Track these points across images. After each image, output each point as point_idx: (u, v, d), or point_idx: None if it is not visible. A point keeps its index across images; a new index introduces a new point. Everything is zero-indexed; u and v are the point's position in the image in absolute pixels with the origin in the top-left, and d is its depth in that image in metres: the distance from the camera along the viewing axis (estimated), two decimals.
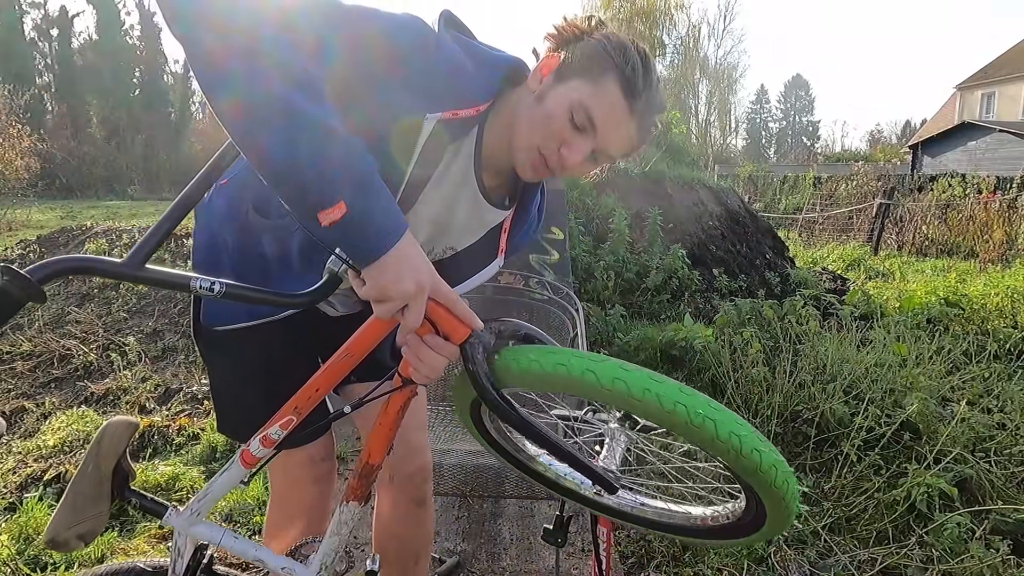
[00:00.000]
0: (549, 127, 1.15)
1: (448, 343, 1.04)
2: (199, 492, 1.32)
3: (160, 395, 4.12)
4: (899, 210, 12.75)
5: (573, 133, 1.15)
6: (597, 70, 1.13)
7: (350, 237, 0.93)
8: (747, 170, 22.03)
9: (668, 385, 0.94)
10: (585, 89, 1.13)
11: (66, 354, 4.65)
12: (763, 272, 6.66)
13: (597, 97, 1.13)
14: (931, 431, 3.23)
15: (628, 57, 1.14)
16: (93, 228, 6.89)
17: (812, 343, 4.12)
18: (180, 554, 1.33)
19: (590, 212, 5.88)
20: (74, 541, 1.27)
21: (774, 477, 0.94)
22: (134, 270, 0.98)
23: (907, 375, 3.68)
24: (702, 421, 0.91)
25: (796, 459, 3.23)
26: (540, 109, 1.16)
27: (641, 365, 0.98)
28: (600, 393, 0.96)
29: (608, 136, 1.16)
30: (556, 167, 1.18)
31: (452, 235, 1.33)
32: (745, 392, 3.64)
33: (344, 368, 1.17)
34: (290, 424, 1.21)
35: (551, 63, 1.18)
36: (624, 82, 1.13)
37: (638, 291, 5.34)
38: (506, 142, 1.21)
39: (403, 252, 0.96)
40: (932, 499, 2.70)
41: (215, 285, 0.99)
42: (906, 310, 5.65)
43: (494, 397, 1.03)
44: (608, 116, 1.14)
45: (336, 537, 1.28)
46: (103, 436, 1.30)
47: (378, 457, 1.23)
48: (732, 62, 42.73)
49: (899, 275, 9.11)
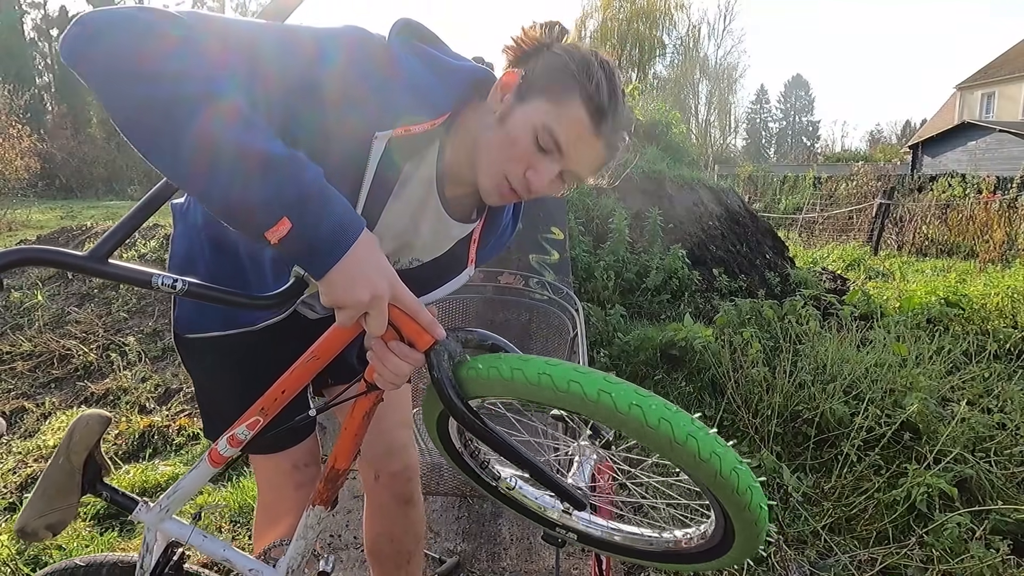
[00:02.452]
0: (513, 151, 1.10)
1: (413, 350, 1.03)
2: (169, 488, 1.32)
3: (160, 395, 4.12)
4: (899, 210, 12.75)
5: (538, 156, 1.10)
6: (560, 90, 1.08)
7: (300, 251, 0.92)
8: (747, 170, 22.01)
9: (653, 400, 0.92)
10: (549, 111, 1.08)
11: (66, 354, 4.65)
12: (763, 272, 6.66)
13: (562, 120, 1.08)
14: (931, 431, 3.23)
15: (592, 75, 1.08)
16: (93, 228, 6.90)
17: (812, 343, 4.12)
18: (149, 550, 1.33)
19: (590, 212, 5.88)
20: (43, 531, 1.28)
21: (749, 499, 0.93)
22: (96, 264, 0.98)
23: (907, 375, 3.68)
24: (685, 440, 0.90)
25: (796, 459, 3.23)
26: (502, 132, 1.11)
27: (641, 365, 0.97)
28: (561, 399, 0.95)
29: (575, 158, 1.11)
30: (522, 191, 1.13)
31: (416, 249, 1.30)
32: (745, 392, 3.64)
33: (311, 370, 1.16)
34: (256, 425, 1.20)
35: (510, 80, 1.12)
36: (589, 103, 1.08)
37: (638, 291, 5.34)
38: (468, 157, 1.16)
39: (358, 259, 0.94)
40: (932, 499, 2.70)
41: (177, 282, 0.98)
42: (906, 310, 5.65)
43: (459, 407, 1.02)
44: (574, 139, 1.09)
45: (303, 541, 1.28)
46: (74, 429, 1.31)
47: (344, 462, 1.22)
48: (732, 62, 42.62)
49: (899, 275, 9.10)
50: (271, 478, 1.57)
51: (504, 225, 1.38)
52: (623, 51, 32.05)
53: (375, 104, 1.05)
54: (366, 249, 0.95)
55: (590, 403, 0.92)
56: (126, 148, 23.33)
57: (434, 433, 1.27)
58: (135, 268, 0.99)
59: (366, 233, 0.96)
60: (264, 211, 0.89)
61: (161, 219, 8.08)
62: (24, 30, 31.47)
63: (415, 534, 1.71)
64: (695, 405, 3.86)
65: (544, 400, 0.97)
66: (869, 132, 68.81)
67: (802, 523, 2.74)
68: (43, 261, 0.97)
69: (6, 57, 28.57)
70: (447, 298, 1.99)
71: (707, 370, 4.03)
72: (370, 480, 1.65)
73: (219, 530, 2.73)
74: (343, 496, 2.71)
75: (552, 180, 1.13)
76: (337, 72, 1.04)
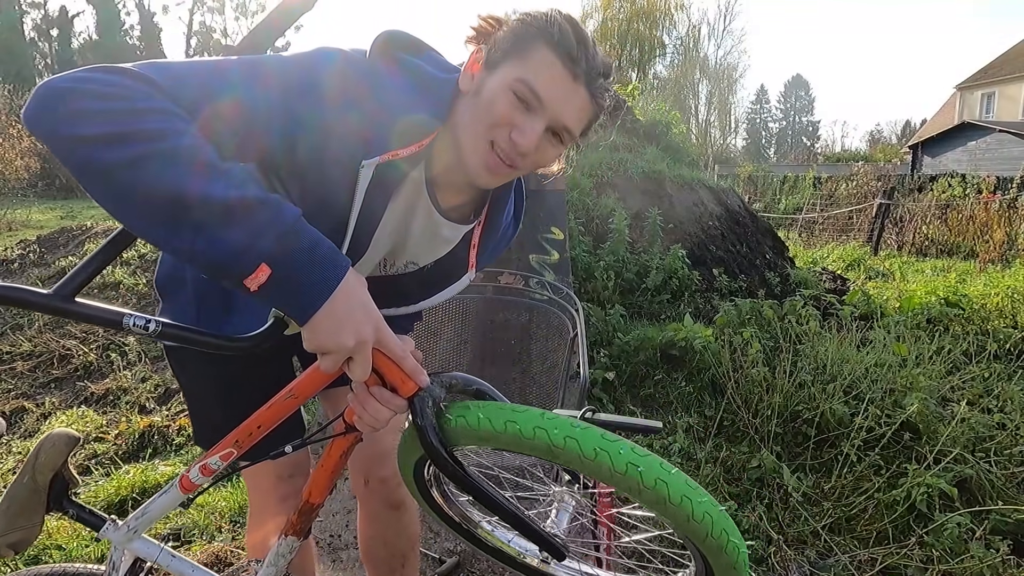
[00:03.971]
0: (492, 116, 1.06)
1: (396, 396, 0.99)
2: (138, 510, 1.30)
3: (160, 395, 4.12)
4: (899, 210, 12.74)
5: (520, 113, 1.06)
6: (525, 45, 1.06)
7: (281, 297, 0.88)
8: (747, 170, 22.01)
9: (621, 445, 0.91)
10: (519, 66, 1.05)
11: (66, 354, 4.65)
12: (763, 272, 6.66)
13: (533, 68, 1.05)
14: (931, 431, 3.23)
15: (552, 22, 1.05)
16: (93, 228, 6.90)
17: (812, 343, 4.13)
18: (115, 568, 1.31)
19: (590, 212, 5.88)
20: (4, 549, 1.26)
21: (724, 543, 0.92)
22: (61, 303, 0.93)
23: (907, 375, 3.69)
24: (654, 484, 0.88)
25: (796, 459, 3.23)
26: (478, 101, 1.08)
27: (641, 365, 0.97)
28: (551, 452, 0.93)
29: (558, 107, 1.07)
30: (512, 156, 1.08)
31: (408, 251, 1.27)
32: (745, 392, 3.64)
33: (288, 408, 1.13)
34: (230, 457, 1.17)
35: (477, 58, 1.10)
36: (558, 48, 1.05)
37: (638, 291, 5.34)
38: (456, 154, 1.12)
39: (343, 301, 0.90)
40: (932, 499, 2.71)
41: (150, 324, 0.93)
42: (906, 310, 5.65)
43: (442, 455, 0.99)
44: (551, 84, 1.05)
45: (273, 568, 1.26)
46: (40, 449, 1.28)
47: (319, 497, 1.20)
48: (732, 62, 42.70)
49: (899, 275, 9.11)
50: (257, 484, 1.57)
51: (504, 227, 1.35)
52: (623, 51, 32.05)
53: (359, 133, 1.03)
54: (351, 291, 0.92)
55: (588, 461, 0.90)
56: None
57: (409, 477, 1.22)
58: (105, 308, 0.95)
59: (352, 273, 0.93)
60: (239, 259, 0.85)
61: None
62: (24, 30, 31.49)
63: (408, 537, 1.71)
64: (695, 405, 3.86)
65: (538, 454, 0.95)
66: (869, 132, 68.89)
67: (802, 523, 2.75)
68: (4, 300, 0.92)
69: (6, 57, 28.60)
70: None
71: (707, 370, 4.03)
72: (360, 486, 1.64)
73: (219, 530, 2.73)
74: (343, 495, 2.71)
75: (540, 137, 1.09)
76: (313, 106, 1.01)
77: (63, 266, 5.99)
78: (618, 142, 7.32)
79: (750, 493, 2.99)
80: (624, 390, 3.96)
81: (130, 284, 5.47)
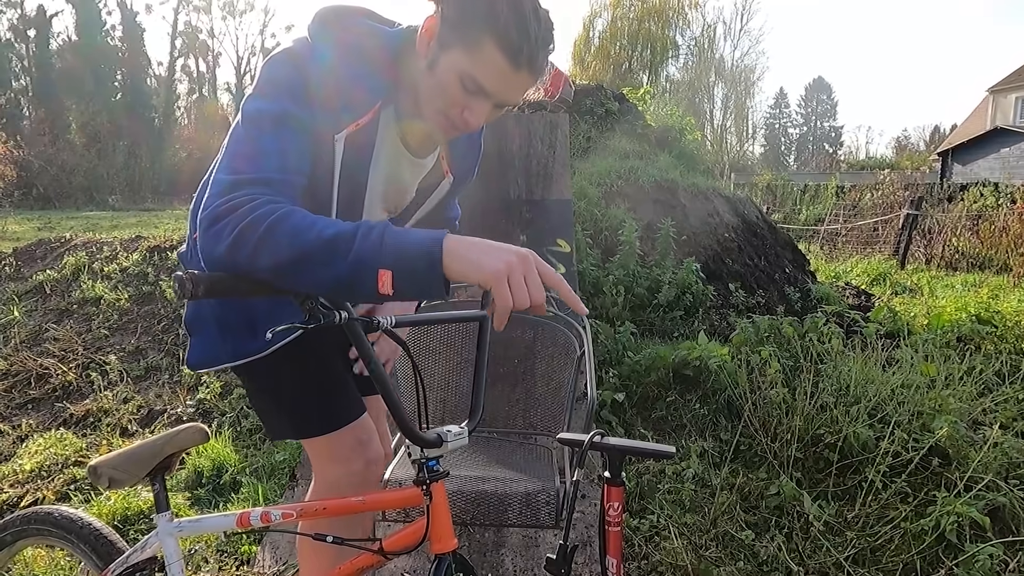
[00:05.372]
0: (446, 98, 1.31)
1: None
2: (194, 516, 1.51)
3: (143, 417, 4.15)
4: (927, 221, 12.77)
5: (469, 98, 1.30)
6: (473, 35, 1.24)
7: (415, 284, 1.09)
8: (765, 179, 22.09)
9: None
10: (466, 59, 1.26)
11: (43, 373, 4.68)
12: (782, 287, 6.68)
13: (480, 66, 1.26)
14: (961, 456, 3.24)
15: (499, 15, 1.22)
16: (72, 240, 6.94)
17: (835, 363, 4.13)
18: (143, 549, 1.61)
19: (598, 223, 5.91)
20: (105, 479, 1.59)
21: None
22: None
23: (936, 397, 3.69)
24: None
25: (818, 486, 3.24)
26: (433, 79, 1.31)
27: (653, 386, 0.98)
28: None
29: (502, 94, 1.31)
30: (464, 127, 1.35)
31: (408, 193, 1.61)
32: (763, 415, 3.65)
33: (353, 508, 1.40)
34: (289, 517, 1.39)
35: (431, 26, 1.30)
36: (502, 43, 1.23)
37: (649, 307, 5.36)
38: (416, 103, 1.38)
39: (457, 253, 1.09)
40: (963, 529, 2.71)
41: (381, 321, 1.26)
42: (935, 328, 5.65)
43: None
44: (495, 80, 1.27)
45: None
46: (182, 430, 1.65)
47: None
48: (749, 64, 42.83)
49: (927, 290, 9.11)
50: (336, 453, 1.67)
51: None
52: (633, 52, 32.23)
53: (329, 111, 1.31)
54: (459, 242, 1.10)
55: None
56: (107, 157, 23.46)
57: None
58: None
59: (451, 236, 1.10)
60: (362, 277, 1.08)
61: (144, 231, 8.13)
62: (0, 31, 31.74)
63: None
64: (710, 428, 3.87)
65: None
66: (895, 138, 69.07)
67: (824, 554, 2.75)
68: None
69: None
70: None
71: (723, 391, 4.04)
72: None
73: (205, 560, 2.74)
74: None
75: (488, 113, 1.35)
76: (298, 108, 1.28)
77: (41, 280, 6.02)
78: (628, 149, 7.37)
79: (768, 522, 3.00)
80: (634, 412, 3.98)
81: (111, 300, 5.51)
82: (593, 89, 8.49)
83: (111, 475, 1.59)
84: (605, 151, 7.21)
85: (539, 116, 5.20)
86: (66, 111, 29.56)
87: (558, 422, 2.60)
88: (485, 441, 2.72)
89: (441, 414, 2.97)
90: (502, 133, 4.70)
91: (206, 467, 3.42)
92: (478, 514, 2.75)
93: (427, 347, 2.93)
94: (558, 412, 2.63)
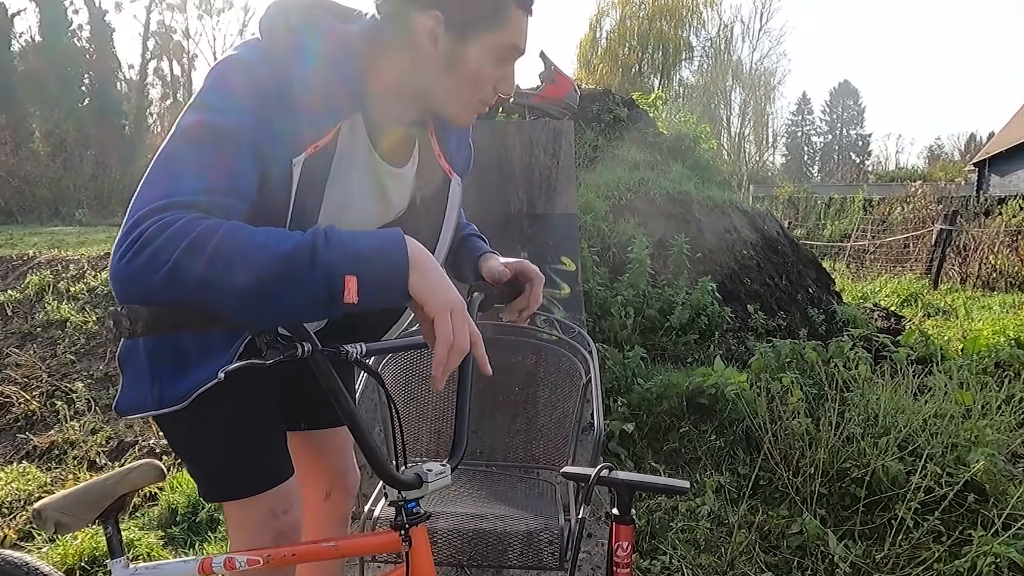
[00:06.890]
0: (481, 83, 1.34)
1: None
2: (152, 563, 1.53)
3: (112, 449, 4.16)
4: (963, 237, 12.81)
5: (503, 69, 1.35)
6: (499, 11, 1.29)
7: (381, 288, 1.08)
8: (787, 191, 22.18)
9: None
10: (502, 35, 1.30)
11: (4, 402, 4.70)
12: (805, 309, 6.70)
13: (516, 32, 1.32)
14: (1000, 492, 3.25)
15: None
16: (36, 258, 6.98)
17: (862, 391, 4.14)
18: None
19: (606, 239, 5.94)
20: (51, 524, 1.56)
21: None
22: None
23: (972, 428, 3.70)
24: None
25: (844, 524, 3.24)
26: (458, 74, 1.32)
27: (665, 416, 1.01)
28: None
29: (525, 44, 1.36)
30: (493, 101, 1.40)
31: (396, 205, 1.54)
32: (784, 447, 3.67)
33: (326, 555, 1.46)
34: (255, 564, 1.37)
35: (432, 25, 1.27)
36: (522, 3, 1.31)
37: (661, 330, 5.37)
38: (393, 107, 1.38)
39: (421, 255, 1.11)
40: (1000, 570, 2.72)
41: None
42: (971, 353, 5.67)
43: None
44: (524, 35, 1.34)
45: None
46: (135, 468, 1.63)
47: None
48: (769, 67, 42.97)
49: (963, 312, 9.13)
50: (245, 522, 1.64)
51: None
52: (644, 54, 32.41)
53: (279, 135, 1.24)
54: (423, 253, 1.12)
55: None
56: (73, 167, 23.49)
57: None
58: None
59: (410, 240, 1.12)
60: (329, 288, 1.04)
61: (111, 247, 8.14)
62: None
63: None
64: (726, 462, 3.88)
65: None
66: (928, 147, 69.27)
67: None
68: None
69: None
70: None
71: (741, 421, 4.05)
72: (319, 500, 1.87)
73: None
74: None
75: None
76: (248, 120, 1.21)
77: (1, 301, 6.04)
78: (638, 159, 7.41)
79: (790, 563, 3.00)
80: (645, 444, 3.98)
81: (78, 322, 5.53)
82: (600, 94, 8.57)
83: (57, 519, 1.55)
84: (613, 161, 7.25)
85: (542, 124, 5.25)
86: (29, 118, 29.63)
87: (562, 455, 2.61)
88: (483, 475, 2.73)
89: (436, 446, 2.99)
90: (502, 142, 4.73)
91: (180, 503, 3.43)
92: (475, 555, 2.76)
93: (420, 374, 2.95)
94: (562, 444, 2.65)
